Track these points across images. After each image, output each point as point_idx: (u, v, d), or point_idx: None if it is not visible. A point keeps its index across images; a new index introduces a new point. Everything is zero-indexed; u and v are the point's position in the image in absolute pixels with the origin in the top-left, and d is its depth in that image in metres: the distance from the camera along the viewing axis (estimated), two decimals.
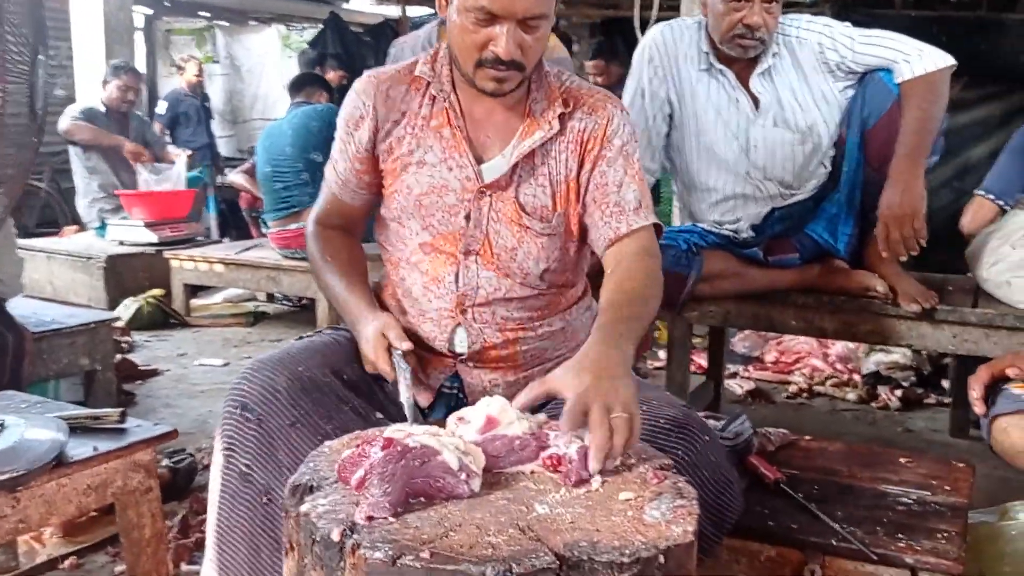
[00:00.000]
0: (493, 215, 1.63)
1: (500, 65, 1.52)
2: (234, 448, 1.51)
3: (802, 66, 2.45)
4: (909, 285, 2.43)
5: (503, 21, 1.49)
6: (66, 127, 5.51)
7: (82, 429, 1.69)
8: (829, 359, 3.92)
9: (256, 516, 1.50)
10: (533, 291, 1.67)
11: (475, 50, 1.52)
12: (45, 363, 2.92)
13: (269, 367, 1.55)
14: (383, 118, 1.67)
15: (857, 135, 2.45)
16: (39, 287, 5.22)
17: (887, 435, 3.23)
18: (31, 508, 1.50)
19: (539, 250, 1.64)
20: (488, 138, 1.65)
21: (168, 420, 3.27)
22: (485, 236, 1.63)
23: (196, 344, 4.55)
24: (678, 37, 2.54)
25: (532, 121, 1.63)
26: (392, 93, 1.68)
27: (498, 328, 1.66)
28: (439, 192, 1.63)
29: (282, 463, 1.48)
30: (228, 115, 10.95)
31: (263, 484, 1.49)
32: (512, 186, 1.63)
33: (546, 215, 1.64)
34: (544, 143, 1.63)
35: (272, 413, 1.49)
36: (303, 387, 1.52)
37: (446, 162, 1.64)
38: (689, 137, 2.58)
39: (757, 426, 2.09)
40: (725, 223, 2.60)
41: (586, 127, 1.64)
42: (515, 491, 1.19)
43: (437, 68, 1.66)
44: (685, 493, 1.19)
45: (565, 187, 1.64)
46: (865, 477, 1.89)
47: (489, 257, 1.64)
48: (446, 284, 1.65)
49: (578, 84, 1.70)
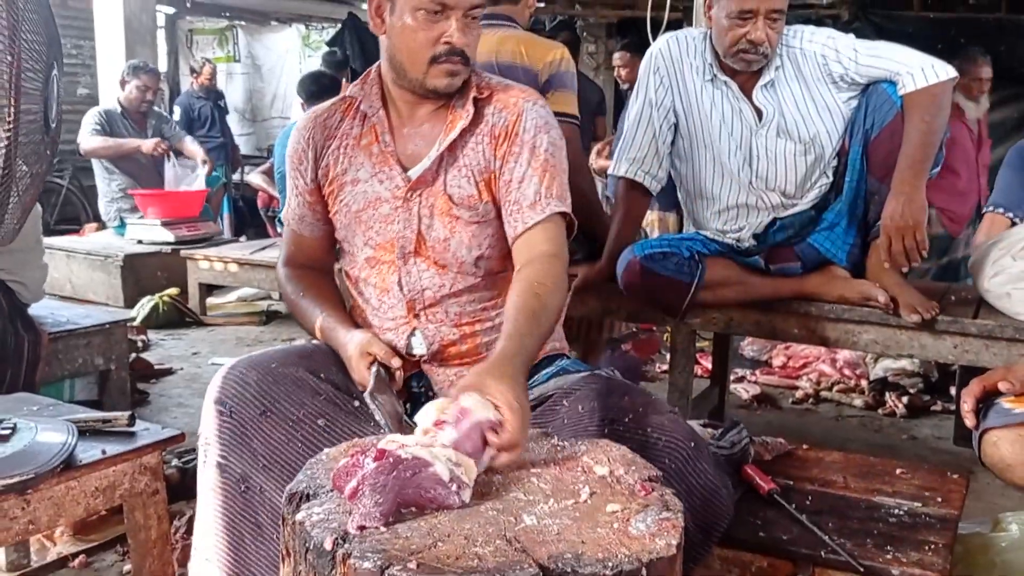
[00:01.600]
0: (424, 211, 1.69)
1: (454, 56, 1.61)
2: (210, 442, 1.58)
3: (805, 78, 2.47)
4: (910, 295, 2.44)
5: (453, 12, 1.58)
6: (87, 148, 5.60)
7: (92, 432, 1.74)
8: (837, 364, 3.92)
9: (235, 505, 1.56)
10: (476, 280, 1.71)
11: (428, 46, 1.61)
12: (60, 363, 2.98)
13: (242, 364, 1.63)
14: (320, 147, 1.76)
15: (860, 146, 2.46)
16: (58, 285, 5.31)
17: (891, 442, 3.24)
18: (40, 510, 1.55)
19: (470, 238, 1.69)
20: (416, 148, 1.72)
21: (180, 420, 3.33)
22: (417, 233, 1.69)
23: (210, 343, 4.62)
24: (683, 48, 2.56)
25: (454, 115, 1.69)
26: (328, 122, 1.77)
27: (453, 324, 1.71)
28: (374, 205, 1.71)
29: (257, 451, 1.55)
30: (248, 113, 11.06)
31: (239, 473, 1.55)
32: (440, 179, 1.69)
33: (474, 203, 1.69)
34: (463, 134, 1.68)
35: (243, 404, 1.56)
36: (274, 379, 1.59)
37: (376, 176, 1.71)
38: (694, 146, 2.61)
39: (761, 431, 2.12)
40: (728, 232, 2.63)
41: (498, 121, 1.69)
42: (505, 501, 1.21)
43: (367, 88, 1.74)
44: (671, 506, 1.22)
45: (486, 178, 1.69)
46: (859, 488, 1.91)
47: (425, 253, 1.69)
48: (394, 292, 1.72)
49: (499, 81, 1.76)
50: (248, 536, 1.55)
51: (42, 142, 1.53)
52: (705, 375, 3.61)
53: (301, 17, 10.79)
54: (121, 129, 5.70)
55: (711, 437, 2.00)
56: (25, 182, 1.52)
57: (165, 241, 5.32)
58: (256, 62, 11.11)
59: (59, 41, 1.57)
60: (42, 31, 1.49)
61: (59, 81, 1.57)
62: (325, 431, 1.54)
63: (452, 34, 1.59)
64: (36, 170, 1.55)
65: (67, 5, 8.35)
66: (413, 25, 1.59)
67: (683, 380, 2.81)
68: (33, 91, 1.48)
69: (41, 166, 1.58)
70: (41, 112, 1.51)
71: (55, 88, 1.54)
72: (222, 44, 11.00)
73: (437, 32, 1.59)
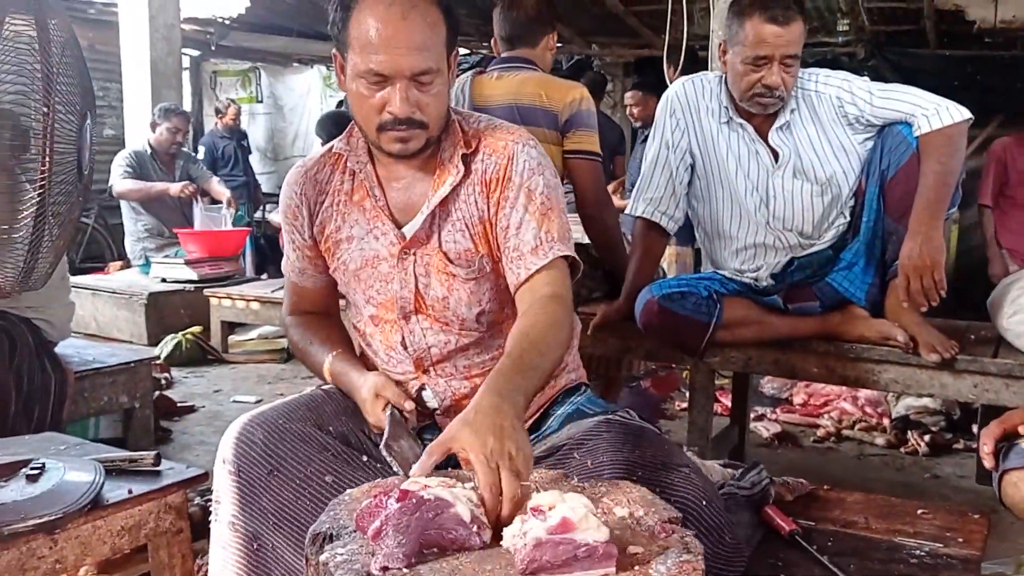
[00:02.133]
0: (421, 270, 1.66)
1: (399, 125, 1.54)
2: (220, 500, 1.59)
3: (821, 119, 2.50)
4: (929, 334, 2.44)
5: (394, 80, 1.52)
6: (119, 191, 5.73)
7: (118, 471, 1.76)
8: (859, 402, 3.90)
9: (249, 562, 1.57)
10: (479, 334, 1.69)
11: (374, 114, 1.55)
12: (86, 401, 3.01)
13: (248, 422, 1.61)
14: (313, 202, 1.73)
15: (876, 186, 2.48)
16: (84, 323, 5.37)
17: (914, 481, 3.22)
18: (67, 549, 1.56)
19: (468, 295, 1.66)
20: (407, 203, 1.68)
21: (202, 458, 3.35)
22: (415, 292, 1.66)
23: (232, 380, 4.65)
24: (699, 91, 2.60)
25: (442, 170, 1.64)
26: (319, 177, 1.74)
27: (463, 377, 1.70)
28: (372, 263, 1.68)
29: (266, 509, 1.54)
30: (270, 152, 11.22)
31: (251, 531, 1.56)
32: (434, 237, 1.65)
33: (470, 258, 1.65)
34: (455, 188, 1.64)
35: (249, 464, 1.56)
36: (280, 437, 1.57)
37: (372, 232, 1.68)
38: (711, 187, 2.64)
39: (782, 470, 2.12)
40: (746, 271, 2.64)
41: (487, 167, 1.64)
42: None
43: (353, 142, 1.70)
44: (691, 548, 1.22)
45: (481, 228, 1.65)
46: (881, 528, 1.90)
47: (426, 311, 1.67)
48: (399, 350, 1.70)
49: (487, 123, 1.70)
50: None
51: (75, 188, 1.58)
52: (725, 413, 3.60)
53: (322, 59, 10.96)
54: (150, 170, 5.81)
55: (731, 478, 2.00)
56: (57, 228, 1.56)
57: (188, 280, 5.39)
58: (278, 102, 11.29)
59: (92, 92, 1.62)
60: (76, 82, 1.54)
61: (92, 130, 1.61)
62: (333, 487, 1.52)
63: (394, 104, 1.53)
64: (68, 215, 1.59)
65: (95, 49, 8.52)
66: (360, 92, 1.55)
67: (703, 419, 2.81)
68: (67, 139, 1.53)
69: (73, 212, 1.63)
70: (74, 159, 1.56)
71: (88, 136, 1.59)
72: (245, 85, 11.20)
73: (381, 101, 1.54)
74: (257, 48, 10.40)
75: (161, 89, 6.85)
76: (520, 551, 1.15)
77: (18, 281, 1.51)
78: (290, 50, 10.58)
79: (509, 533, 1.19)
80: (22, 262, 1.49)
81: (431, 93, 1.55)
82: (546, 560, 1.13)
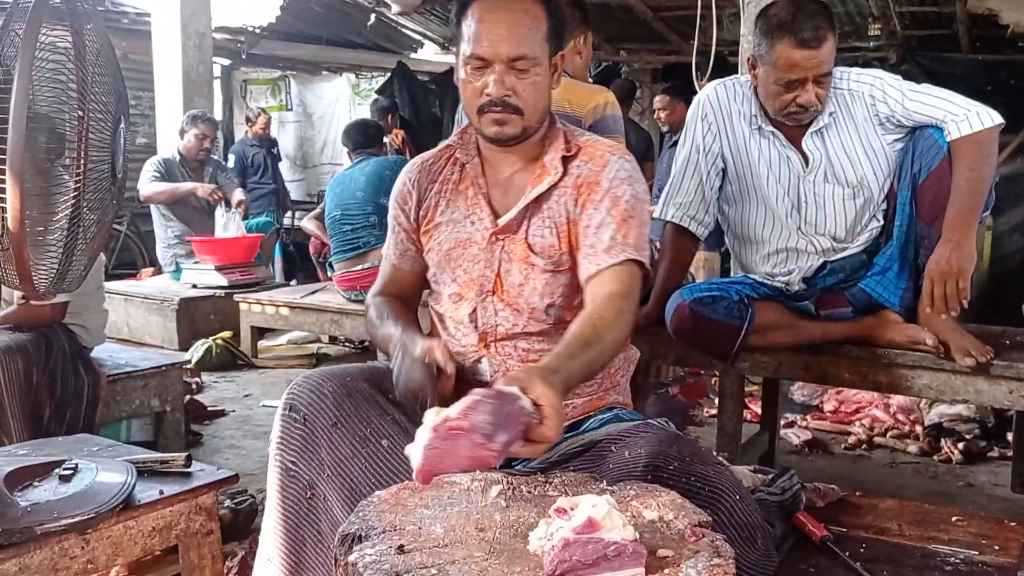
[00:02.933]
0: (505, 256, 1.77)
1: (495, 107, 1.68)
2: (281, 446, 1.65)
3: (855, 119, 2.46)
4: (964, 339, 2.41)
5: (493, 65, 1.66)
6: (145, 194, 5.77)
7: (150, 473, 1.78)
8: (891, 410, 3.84)
9: (301, 510, 1.63)
10: (546, 326, 1.77)
11: (476, 97, 1.70)
12: (118, 404, 3.05)
13: (319, 375, 1.70)
14: (424, 189, 1.86)
15: (908, 189, 2.45)
16: (116, 328, 5.43)
17: (948, 489, 3.17)
18: (99, 549, 1.58)
19: (543, 286, 1.75)
20: (506, 196, 1.80)
21: (232, 461, 3.37)
22: (496, 275, 1.76)
23: (261, 385, 4.68)
24: (731, 95, 2.58)
25: (543, 171, 1.77)
26: (433, 167, 1.88)
27: (520, 360, 1.76)
28: (464, 245, 1.79)
29: (324, 461, 1.61)
30: (299, 160, 11.31)
31: (307, 479, 1.63)
32: (523, 228, 1.77)
33: (553, 254, 1.75)
34: (551, 189, 1.76)
35: (316, 413, 1.63)
36: (348, 393, 1.66)
37: (469, 217, 1.80)
38: (742, 191, 2.61)
39: (813, 478, 2.09)
40: (777, 275, 2.62)
41: (582, 172, 1.76)
42: None
43: (466, 137, 1.85)
44: (722, 552, 1.21)
45: (566, 228, 1.76)
46: (914, 536, 1.87)
47: (501, 294, 1.76)
48: (467, 324, 1.78)
49: (588, 138, 1.84)
50: (309, 542, 1.62)
51: (108, 192, 1.60)
52: (755, 420, 3.56)
53: (351, 67, 11.04)
54: (179, 177, 5.86)
55: (761, 483, 1.98)
56: (92, 230, 1.59)
57: (219, 285, 5.44)
58: (307, 110, 11.38)
59: (126, 97, 1.64)
60: (111, 87, 1.56)
61: (126, 135, 1.63)
62: (388, 453, 1.59)
63: (489, 85, 1.67)
64: (102, 219, 1.61)
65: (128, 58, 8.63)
66: (465, 78, 1.71)
67: (732, 425, 2.78)
68: (101, 144, 1.55)
69: (107, 215, 1.65)
70: (108, 164, 1.57)
71: (122, 141, 1.61)
72: (275, 93, 11.30)
73: (482, 84, 1.68)
74: (287, 56, 10.49)
75: (193, 97, 6.93)
76: (548, 553, 1.14)
77: (52, 283, 1.52)
78: (319, 58, 10.67)
79: (535, 536, 1.19)
80: (56, 264, 1.51)
81: (527, 80, 1.68)
82: (576, 560, 1.13)
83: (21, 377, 2.44)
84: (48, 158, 1.48)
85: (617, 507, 1.20)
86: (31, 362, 2.49)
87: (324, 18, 9.72)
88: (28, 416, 2.48)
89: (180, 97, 6.91)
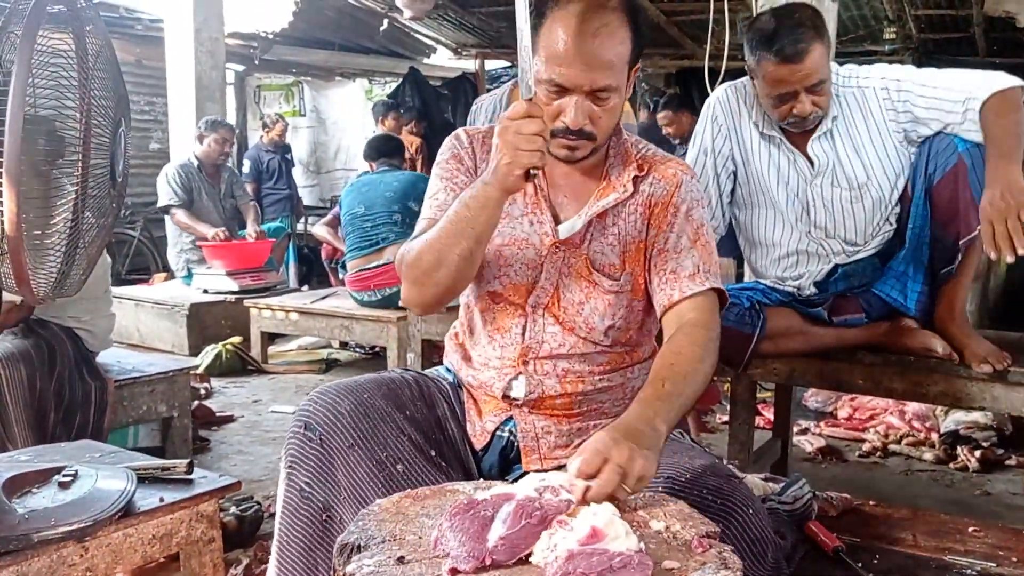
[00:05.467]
0: (565, 270, 1.68)
1: (570, 135, 1.59)
2: (295, 466, 1.58)
3: (865, 116, 2.39)
4: (980, 346, 2.36)
5: (572, 93, 1.56)
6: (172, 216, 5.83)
7: (151, 479, 1.76)
8: (906, 417, 3.80)
9: (315, 532, 1.57)
10: (596, 348, 1.70)
11: (550, 120, 1.57)
12: (125, 410, 3.04)
13: (335, 391, 1.62)
14: (479, 159, 1.75)
15: (922, 192, 2.40)
16: (127, 333, 5.45)
17: (964, 498, 3.12)
18: (98, 557, 1.56)
19: (605, 306, 1.68)
20: (566, 198, 1.71)
21: (240, 467, 3.36)
22: (555, 289, 1.68)
23: (271, 391, 4.67)
24: (742, 97, 2.54)
25: (608, 184, 1.69)
26: (488, 142, 1.73)
27: (558, 380, 1.69)
28: (519, 245, 1.70)
29: (340, 483, 1.55)
30: (312, 166, 11.32)
31: (322, 501, 1.56)
32: (585, 244, 1.69)
33: (614, 273, 1.68)
34: (616, 204, 1.68)
35: (333, 433, 1.56)
36: (365, 412, 1.58)
37: (527, 216, 1.70)
38: (752, 195, 2.58)
39: (827, 486, 2.06)
40: (788, 279, 2.58)
41: (655, 191, 1.70)
42: None
43: None
44: (730, 563, 1.18)
45: (634, 248, 1.69)
46: (930, 547, 1.83)
47: (556, 311, 1.68)
48: (511, 335, 1.70)
49: (654, 152, 1.76)
50: (322, 564, 1.56)
51: (108, 195, 1.58)
52: (767, 427, 3.52)
53: (364, 72, 11.05)
54: (198, 183, 5.89)
55: (772, 492, 1.95)
56: (91, 233, 1.57)
57: (230, 291, 5.44)
58: (320, 116, 11.40)
59: (127, 99, 1.63)
60: (111, 89, 1.55)
61: (126, 137, 1.62)
62: (403, 478, 1.53)
63: (568, 115, 1.57)
64: (102, 222, 1.59)
65: (141, 64, 8.68)
66: (540, 97, 1.59)
67: (744, 432, 2.74)
68: (101, 146, 1.53)
69: (107, 218, 1.63)
70: (108, 166, 1.56)
71: (122, 144, 1.59)
72: (288, 99, 11.32)
73: (557, 109, 1.58)
74: (300, 62, 10.52)
75: (205, 103, 6.95)
76: (551, 565, 1.12)
77: (52, 287, 1.51)
78: (332, 63, 10.69)
79: (539, 548, 1.16)
80: (55, 268, 1.49)
81: (606, 108, 1.60)
82: (580, 572, 1.10)
83: (25, 383, 2.43)
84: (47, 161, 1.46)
85: (618, 514, 1.17)
86: (34, 368, 2.48)
87: (337, 24, 9.75)
88: (33, 422, 2.47)
89: (193, 103, 6.93)
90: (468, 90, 10.52)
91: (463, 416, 1.76)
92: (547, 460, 1.69)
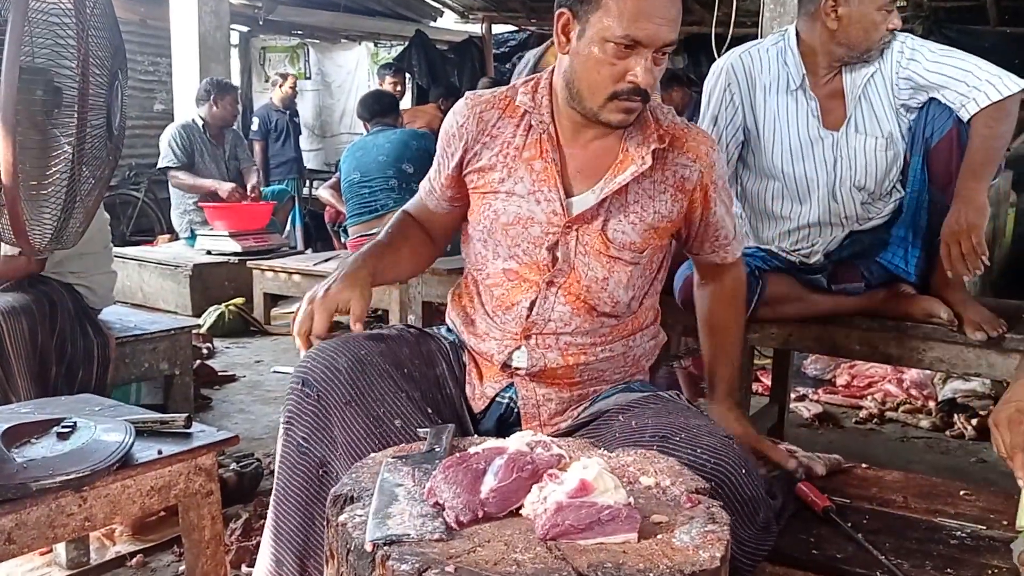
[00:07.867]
0: (580, 248, 1.66)
1: (635, 95, 1.55)
2: (293, 421, 1.58)
3: (884, 77, 2.41)
4: (976, 312, 2.36)
5: (643, 50, 1.52)
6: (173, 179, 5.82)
7: (150, 432, 1.78)
8: (904, 384, 3.81)
9: (311, 487, 1.58)
10: (601, 323, 1.70)
11: (611, 82, 1.55)
12: (128, 367, 3.06)
13: (332, 348, 1.61)
14: (473, 139, 1.71)
15: (920, 155, 2.39)
16: (130, 293, 5.47)
17: (959, 465, 3.14)
18: (97, 507, 1.58)
19: (629, 278, 1.69)
20: (580, 172, 1.67)
21: (241, 425, 3.39)
22: (572, 269, 1.66)
23: (273, 352, 4.70)
24: (756, 63, 2.50)
25: (625, 156, 1.65)
26: (485, 116, 1.72)
27: (560, 352, 1.69)
28: (524, 223, 1.67)
29: (336, 439, 1.55)
30: (317, 129, 11.28)
31: (319, 457, 1.56)
32: (599, 219, 1.65)
33: (634, 249, 1.67)
34: (638, 179, 1.64)
35: (330, 390, 1.56)
36: (363, 369, 1.58)
37: (535, 195, 1.66)
38: (765, 165, 2.54)
39: (822, 451, 2.07)
40: (799, 250, 2.54)
41: (689, 174, 1.69)
42: None
43: (538, 99, 1.68)
44: (718, 519, 1.19)
45: (661, 228, 1.69)
46: (920, 508, 1.84)
47: (574, 289, 1.67)
48: (517, 310, 1.69)
49: (679, 123, 1.72)
50: (319, 519, 1.57)
51: (104, 148, 1.58)
52: (765, 392, 3.54)
53: (370, 35, 10.98)
54: (200, 144, 5.85)
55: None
56: (88, 187, 1.57)
57: (233, 252, 5.45)
58: (326, 79, 11.34)
59: (123, 50, 1.61)
60: (107, 41, 1.54)
61: (123, 89, 1.61)
62: (400, 433, 1.53)
63: (638, 73, 1.52)
64: (99, 176, 1.59)
65: (146, 24, 8.62)
66: (599, 57, 1.54)
67: (740, 396, 2.75)
68: (97, 99, 1.53)
69: (104, 172, 1.63)
70: (104, 119, 1.55)
71: (119, 96, 1.59)
72: (293, 61, 11.25)
73: (622, 68, 1.53)
74: (305, 23, 10.44)
75: (209, 64, 6.91)
76: (541, 516, 1.13)
77: (49, 240, 1.51)
78: (337, 25, 10.60)
79: (528, 500, 1.18)
80: (53, 220, 1.49)
81: (662, 66, 1.58)
82: (568, 524, 1.11)
83: (27, 336, 2.44)
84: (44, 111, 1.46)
85: (608, 468, 1.19)
86: (35, 321, 2.48)
87: None
88: (35, 376, 2.48)
89: (197, 64, 6.90)
90: (474, 54, 10.45)
91: (463, 377, 1.76)
92: (547, 427, 1.70)
